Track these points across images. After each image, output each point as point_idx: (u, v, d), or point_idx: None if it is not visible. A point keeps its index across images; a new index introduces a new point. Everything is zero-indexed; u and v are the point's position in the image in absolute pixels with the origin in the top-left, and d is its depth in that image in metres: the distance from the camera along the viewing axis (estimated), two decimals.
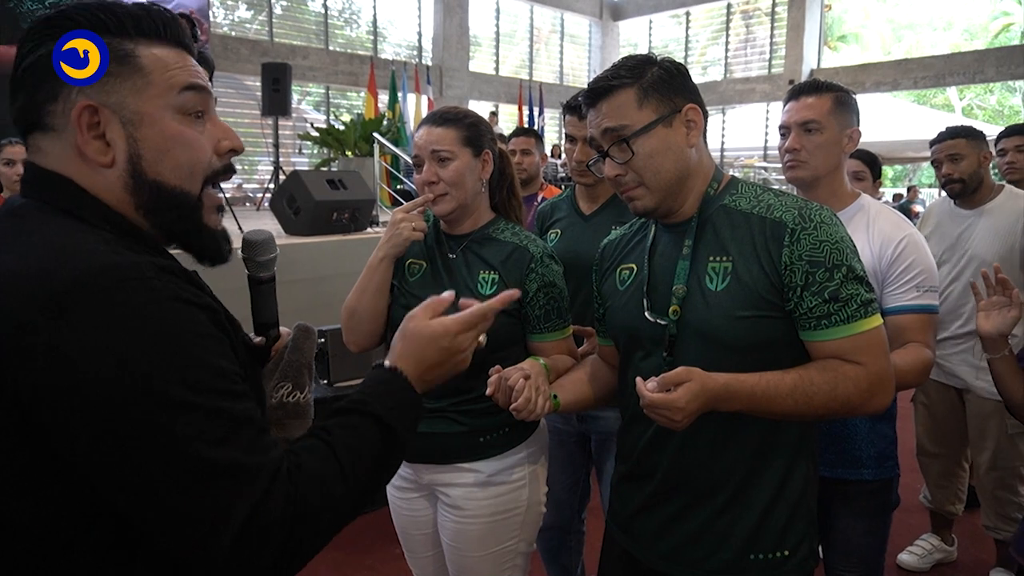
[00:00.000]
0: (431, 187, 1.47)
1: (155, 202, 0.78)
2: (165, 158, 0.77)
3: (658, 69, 1.17)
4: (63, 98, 0.74)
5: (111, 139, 0.75)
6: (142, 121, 0.76)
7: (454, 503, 1.50)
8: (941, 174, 2.42)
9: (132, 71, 0.76)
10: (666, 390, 1.04)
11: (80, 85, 0.74)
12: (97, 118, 0.74)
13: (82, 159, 0.75)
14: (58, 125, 0.75)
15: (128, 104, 0.76)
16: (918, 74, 13.92)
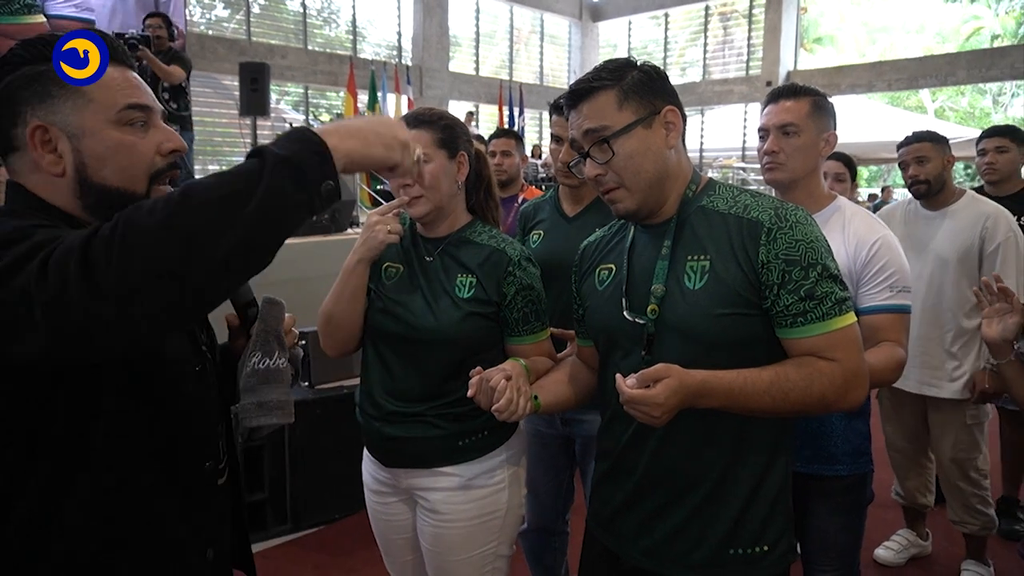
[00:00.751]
0: (406, 189, 1.46)
1: (101, 202, 0.88)
2: (107, 164, 0.88)
3: (638, 72, 1.20)
4: (21, 122, 0.86)
5: (61, 152, 0.87)
6: (84, 134, 0.87)
7: (433, 507, 1.50)
8: (908, 175, 2.52)
9: (72, 92, 0.87)
10: (645, 386, 1.06)
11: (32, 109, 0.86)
12: (48, 135, 0.86)
13: (38, 171, 0.87)
14: (21, 145, 0.87)
15: (71, 120, 0.87)
16: (892, 76, 14.15)
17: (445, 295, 1.47)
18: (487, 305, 1.47)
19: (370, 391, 1.53)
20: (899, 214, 2.61)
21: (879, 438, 1.91)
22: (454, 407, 1.45)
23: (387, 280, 1.54)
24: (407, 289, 1.50)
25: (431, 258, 1.52)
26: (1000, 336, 1.52)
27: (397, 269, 1.54)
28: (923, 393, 2.50)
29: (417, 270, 1.52)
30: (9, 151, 0.89)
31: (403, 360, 1.49)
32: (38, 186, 0.88)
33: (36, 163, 0.87)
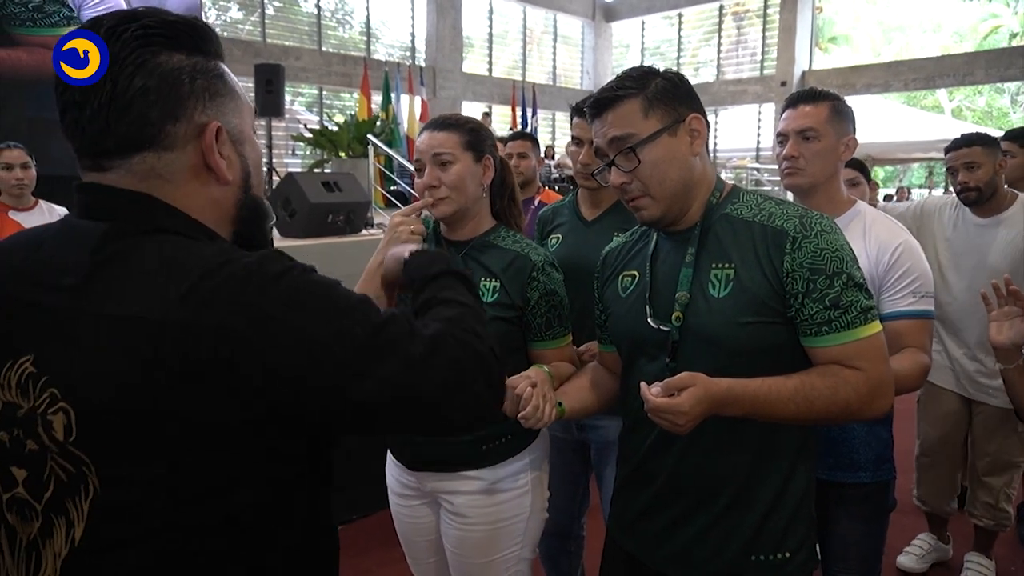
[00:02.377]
0: (432, 191, 1.47)
1: (251, 213, 0.83)
2: (258, 173, 0.84)
3: (662, 80, 1.20)
4: (185, 118, 0.75)
5: (227, 156, 0.78)
6: (244, 140, 0.81)
7: (457, 510, 1.51)
8: (957, 181, 2.40)
9: (229, 91, 0.79)
10: (670, 395, 1.06)
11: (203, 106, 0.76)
12: (220, 138, 0.77)
13: (197, 178, 0.77)
14: (176, 145, 0.75)
15: (235, 124, 0.79)
16: (909, 76, 14.02)
17: None
18: (510, 309, 1.47)
19: None
20: (946, 217, 2.51)
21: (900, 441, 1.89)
22: None
23: None
24: None
25: None
26: (1009, 341, 1.49)
27: None
28: (976, 399, 2.47)
29: None
30: (141, 149, 0.74)
31: None
32: (192, 196, 0.76)
33: (199, 168, 0.76)
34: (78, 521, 0.70)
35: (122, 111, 0.72)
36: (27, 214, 3.05)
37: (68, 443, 0.69)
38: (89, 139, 0.74)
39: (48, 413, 0.70)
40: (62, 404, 0.69)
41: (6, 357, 0.72)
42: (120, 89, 0.72)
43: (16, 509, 0.72)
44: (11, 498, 0.72)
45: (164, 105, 0.73)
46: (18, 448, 0.71)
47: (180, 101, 0.74)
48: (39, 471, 0.71)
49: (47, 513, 0.71)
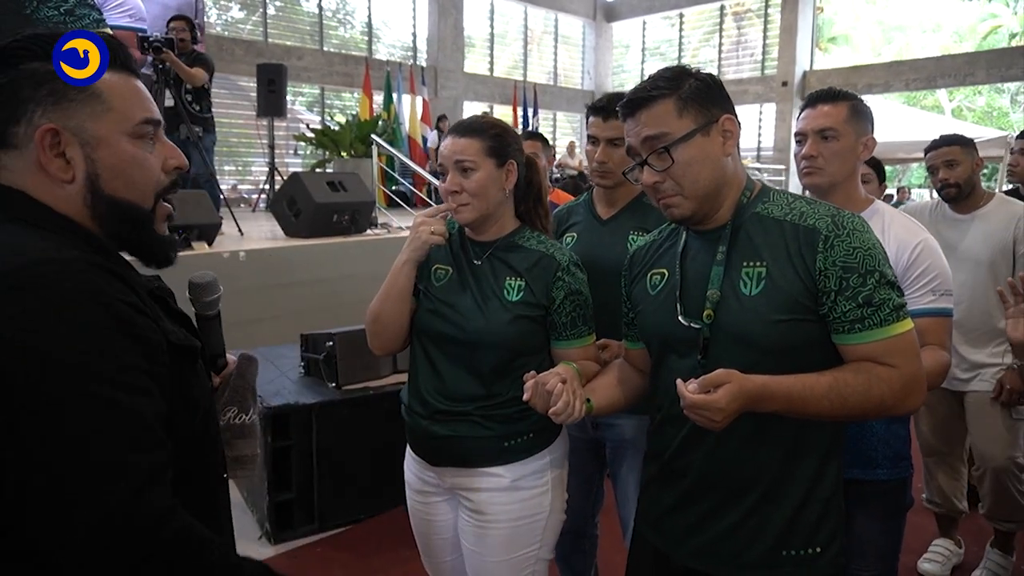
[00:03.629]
0: (454, 196, 1.48)
1: (111, 215, 0.86)
2: (120, 177, 0.86)
3: (695, 80, 1.21)
4: (25, 121, 0.82)
5: (71, 158, 0.83)
6: (99, 144, 0.85)
7: (477, 507, 1.51)
8: (937, 179, 2.51)
9: (89, 97, 0.84)
10: (705, 391, 1.07)
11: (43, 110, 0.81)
12: (58, 139, 0.82)
13: (43, 175, 0.83)
14: (20, 144, 0.83)
15: (87, 128, 0.84)
16: (909, 76, 14.04)
17: (494, 297, 1.48)
18: (535, 308, 1.48)
19: (418, 390, 1.54)
20: (926, 216, 2.59)
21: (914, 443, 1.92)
22: (501, 408, 1.47)
23: (436, 282, 1.55)
24: (456, 291, 1.51)
25: (480, 262, 1.53)
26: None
27: (446, 271, 1.56)
28: (961, 390, 2.49)
29: (467, 273, 1.53)
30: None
31: (451, 360, 1.50)
32: (39, 190, 0.83)
33: (39, 165, 0.83)
34: None
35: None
36: None
37: None
38: None
39: None
40: None
41: None
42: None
43: None
44: None
45: (8, 109, 0.82)
46: None
47: (21, 104, 0.82)
48: None
49: None
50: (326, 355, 2.95)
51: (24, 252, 0.76)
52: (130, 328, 0.77)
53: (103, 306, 0.76)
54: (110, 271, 0.80)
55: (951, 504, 2.68)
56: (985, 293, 2.42)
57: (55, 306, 0.73)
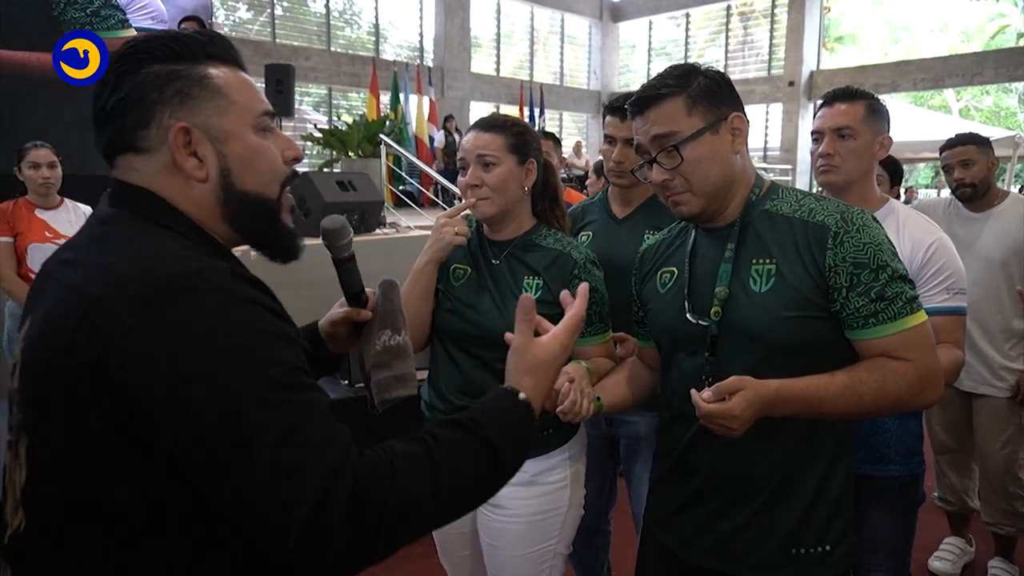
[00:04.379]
0: (474, 190, 1.50)
1: (243, 209, 0.86)
2: (250, 170, 0.86)
3: (704, 78, 1.21)
4: (155, 123, 0.82)
5: (203, 156, 0.83)
6: (227, 138, 0.84)
7: (496, 502, 1.52)
8: (953, 179, 2.51)
9: (212, 93, 0.84)
10: (720, 399, 1.08)
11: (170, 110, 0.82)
12: (189, 137, 0.82)
13: (175, 175, 0.83)
14: (151, 147, 0.82)
15: (214, 124, 0.84)
16: (917, 76, 13.99)
17: (512, 296, 1.50)
18: (553, 306, 1.49)
19: (438, 387, 1.56)
20: (940, 213, 2.59)
21: None
22: None
23: (455, 281, 1.57)
24: (475, 290, 1.53)
25: (497, 261, 1.55)
26: None
27: (465, 271, 1.57)
28: (974, 392, 2.50)
29: (485, 272, 1.55)
30: (125, 151, 0.84)
31: (471, 358, 1.52)
32: (174, 192, 0.83)
33: (173, 166, 0.82)
34: (23, 465, 0.78)
35: (106, 122, 0.83)
36: (53, 212, 3.08)
37: (18, 392, 0.79)
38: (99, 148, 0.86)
39: (17, 364, 0.80)
40: (20, 358, 0.80)
41: (27, 317, 0.83)
42: (102, 103, 0.83)
43: (10, 447, 0.83)
44: (9, 438, 0.83)
45: (135, 113, 0.82)
46: (15, 395, 0.82)
47: (149, 107, 0.81)
48: (12, 417, 0.81)
49: (14, 453, 0.81)
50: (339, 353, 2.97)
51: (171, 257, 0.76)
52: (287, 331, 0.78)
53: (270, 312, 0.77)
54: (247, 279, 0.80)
55: (963, 502, 2.70)
56: (998, 291, 2.42)
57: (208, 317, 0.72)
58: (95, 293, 0.72)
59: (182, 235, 0.81)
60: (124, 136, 0.82)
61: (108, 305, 0.71)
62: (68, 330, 0.72)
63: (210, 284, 0.73)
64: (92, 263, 0.76)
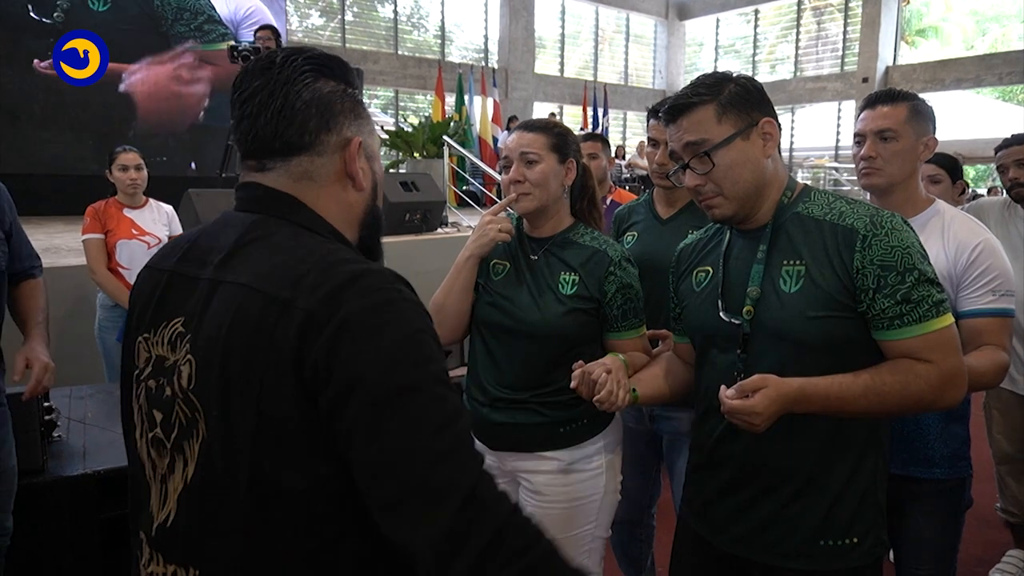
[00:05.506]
0: (516, 186, 1.58)
1: (374, 221, 0.96)
2: (381, 189, 0.97)
3: (735, 86, 1.25)
4: (336, 130, 0.89)
5: (363, 168, 0.92)
6: (374, 157, 0.95)
7: (536, 489, 1.60)
8: (1008, 179, 2.45)
9: (366, 115, 0.93)
10: (744, 396, 1.13)
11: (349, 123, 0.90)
12: (361, 151, 0.91)
13: (339, 182, 0.90)
14: (326, 152, 0.89)
15: (370, 143, 0.93)
16: (1003, 70, 13.26)
17: (549, 291, 1.57)
18: (588, 301, 1.56)
19: (478, 378, 1.65)
20: (995, 213, 2.52)
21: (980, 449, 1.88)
22: (556, 396, 1.55)
23: (495, 276, 1.66)
24: (514, 285, 1.61)
25: (536, 256, 1.63)
26: None
27: (504, 266, 1.66)
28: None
29: (523, 267, 1.63)
30: (300, 152, 0.88)
31: (509, 350, 1.60)
32: (331, 199, 0.89)
33: (342, 174, 0.89)
34: (191, 460, 0.81)
35: (290, 120, 0.87)
36: (139, 211, 3.33)
37: (189, 390, 0.81)
38: (260, 143, 0.88)
39: (181, 364, 0.83)
40: (189, 356, 0.82)
41: (162, 319, 0.87)
42: (290, 102, 0.87)
43: (155, 446, 0.86)
44: (153, 436, 0.86)
45: (321, 118, 0.88)
46: (160, 394, 0.85)
47: (333, 116, 0.88)
48: (170, 414, 0.84)
49: (172, 451, 0.84)
50: None
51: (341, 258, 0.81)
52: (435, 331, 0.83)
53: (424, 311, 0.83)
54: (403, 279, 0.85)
55: None
56: None
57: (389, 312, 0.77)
58: (286, 295, 0.76)
59: (329, 238, 0.87)
60: (305, 136, 0.87)
61: (302, 304, 0.75)
62: (267, 331, 0.75)
63: (383, 283, 0.78)
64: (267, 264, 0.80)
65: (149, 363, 0.87)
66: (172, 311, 0.86)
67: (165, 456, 0.85)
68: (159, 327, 0.87)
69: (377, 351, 0.75)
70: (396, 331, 0.76)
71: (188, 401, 0.82)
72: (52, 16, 6.41)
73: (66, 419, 2.46)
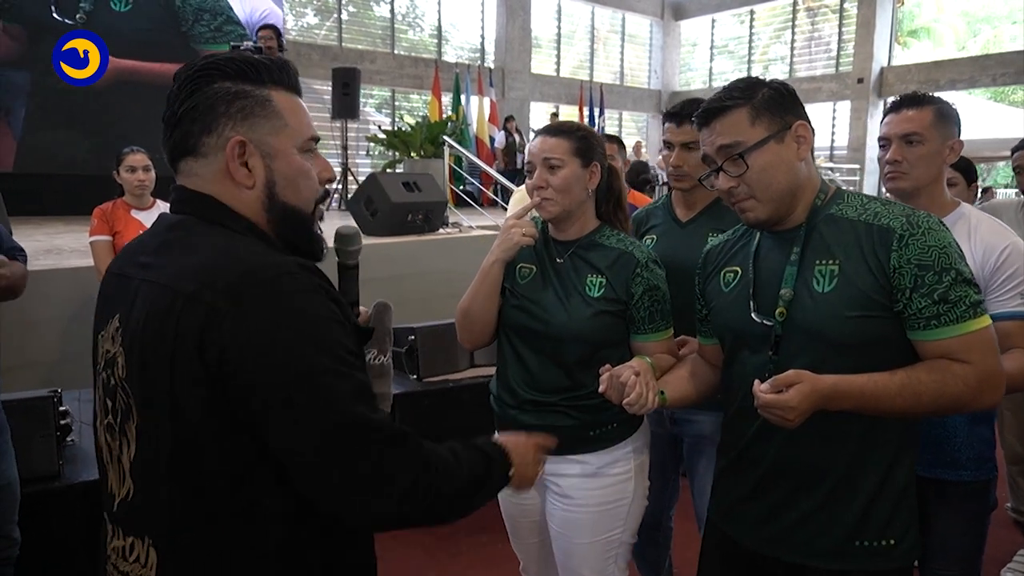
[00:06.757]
0: (539, 191, 1.58)
1: (282, 218, 0.98)
2: (291, 186, 0.98)
3: (768, 89, 1.26)
4: (216, 132, 0.93)
5: (252, 167, 0.94)
6: (276, 155, 0.96)
7: (564, 492, 1.60)
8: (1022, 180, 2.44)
9: (271, 114, 0.95)
10: (778, 391, 1.13)
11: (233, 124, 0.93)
12: (243, 149, 0.93)
13: (227, 181, 0.94)
14: (209, 153, 0.94)
15: (267, 141, 0.95)
16: (997, 71, 13.33)
17: (576, 294, 1.57)
18: (616, 304, 1.56)
19: (507, 381, 1.64)
20: (1011, 215, 2.54)
21: None
22: (586, 399, 1.55)
23: (521, 280, 1.65)
24: (540, 288, 1.61)
25: (561, 260, 1.62)
26: None
27: (530, 269, 1.65)
28: None
29: (549, 270, 1.63)
30: (187, 155, 0.95)
31: (537, 353, 1.59)
32: (226, 196, 0.94)
33: (225, 172, 0.94)
34: (132, 441, 0.91)
35: (175, 125, 0.94)
36: (147, 213, 3.30)
37: (123, 379, 0.91)
38: (167, 147, 0.97)
39: (117, 356, 0.93)
40: (120, 348, 0.92)
41: (109, 316, 0.97)
42: (175, 108, 0.94)
43: (108, 430, 0.96)
44: (107, 423, 0.96)
45: (203, 121, 0.93)
46: (109, 383, 0.95)
47: (215, 119, 0.93)
48: (115, 401, 0.94)
49: (119, 434, 0.94)
50: (408, 348, 3.10)
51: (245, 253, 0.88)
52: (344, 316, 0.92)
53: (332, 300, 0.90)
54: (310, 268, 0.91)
55: None
56: None
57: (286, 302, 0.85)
58: (190, 289, 0.85)
59: (244, 235, 0.93)
60: (189, 140, 0.94)
61: (204, 297, 0.84)
62: (173, 323, 0.84)
63: (281, 272, 0.86)
64: (178, 264, 0.89)
65: (103, 357, 0.96)
66: (113, 309, 0.96)
67: (116, 439, 0.94)
68: (107, 324, 0.96)
69: (275, 340, 0.83)
70: (293, 319, 0.84)
71: (123, 389, 0.92)
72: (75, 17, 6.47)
73: (78, 423, 2.44)
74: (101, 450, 0.98)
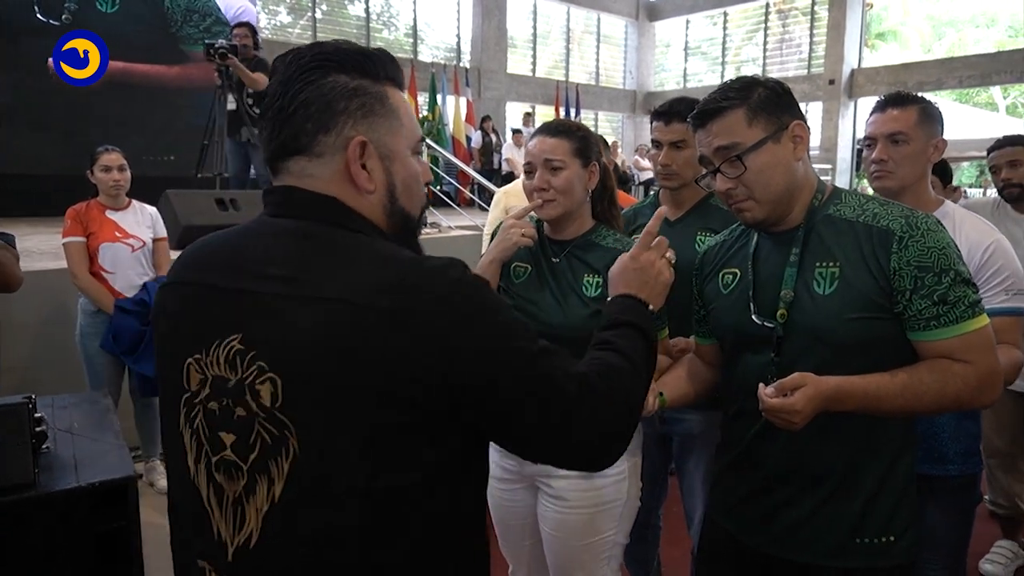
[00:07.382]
0: (540, 193, 1.56)
1: (401, 224, 0.91)
2: (407, 191, 0.91)
3: (764, 89, 1.25)
4: (335, 131, 0.85)
5: (371, 169, 0.87)
6: (394, 157, 0.89)
7: (557, 494, 1.59)
8: (1000, 179, 2.53)
9: (388, 112, 0.88)
10: (783, 395, 1.13)
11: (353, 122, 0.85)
12: (364, 151, 0.86)
13: (347, 183, 0.86)
14: (325, 153, 0.85)
15: (386, 142, 0.88)
16: (963, 73, 13.65)
17: (573, 293, 1.56)
18: None
19: None
20: (988, 213, 2.58)
21: None
22: None
23: (516, 279, 1.64)
24: (536, 288, 1.60)
25: (557, 259, 1.61)
26: None
27: (525, 269, 1.64)
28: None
29: (545, 270, 1.61)
30: (297, 153, 0.86)
31: None
32: (349, 199, 0.86)
33: (345, 175, 0.85)
34: (279, 479, 0.79)
35: (284, 122, 0.85)
36: (122, 213, 3.22)
37: (275, 408, 0.78)
38: (271, 145, 0.87)
39: (256, 383, 0.79)
40: (269, 375, 0.78)
41: (214, 337, 0.82)
42: (287, 103, 0.84)
43: (224, 469, 0.82)
44: (219, 460, 0.83)
45: (319, 118, 0.84)
46: (227, 416, 0.81)
47: (333, 116, 0.84)
48: (247, 435, 0.80)
49: (252, 472, 0.80)
50: None
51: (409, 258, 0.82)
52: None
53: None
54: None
55: (1015, 506, 2.68)
56: None
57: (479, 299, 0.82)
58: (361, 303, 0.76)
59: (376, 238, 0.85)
60: (301, 138, 0.85)
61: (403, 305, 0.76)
62: (361, 338, 0.75)
63: (462, 269, 0.82)
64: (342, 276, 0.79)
65: (206, 384, 0.83)
66: (224, 328, 0.82)
67: (240, 478, 0.82)
68: (211, 346, 0.82)
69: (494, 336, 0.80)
70: (493, 312, 0.82)
71: (274, 419, 0.79)
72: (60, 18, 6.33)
73: (52, 429, 2.37)
74: (198, 490, 0.85)
